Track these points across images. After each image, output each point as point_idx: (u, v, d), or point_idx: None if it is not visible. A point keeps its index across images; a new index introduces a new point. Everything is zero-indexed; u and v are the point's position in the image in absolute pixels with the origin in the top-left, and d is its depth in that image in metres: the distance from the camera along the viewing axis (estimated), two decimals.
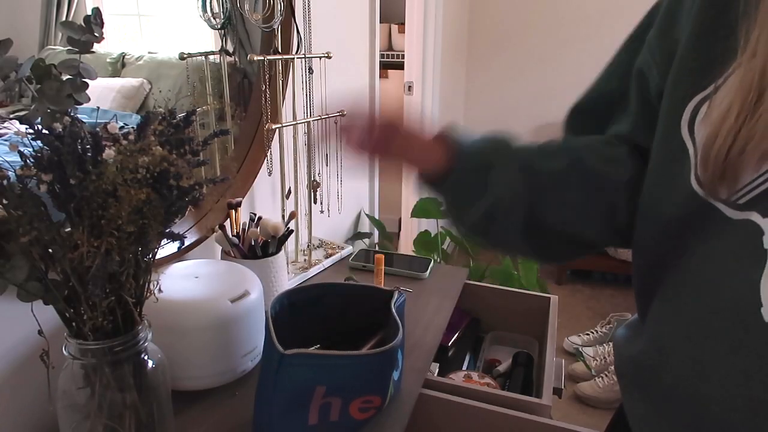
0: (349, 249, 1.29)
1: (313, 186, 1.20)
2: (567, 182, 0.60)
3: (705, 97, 0.47)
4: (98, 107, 0.61)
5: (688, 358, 0.48)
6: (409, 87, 2.54)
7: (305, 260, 1.21)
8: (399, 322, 0.74)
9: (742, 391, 0.44)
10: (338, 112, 1.20)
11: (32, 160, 0.49)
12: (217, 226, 0.94)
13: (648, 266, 0.56)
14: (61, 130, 0.49)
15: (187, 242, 0.93)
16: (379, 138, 0.61)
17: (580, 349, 2.36)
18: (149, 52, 0.94)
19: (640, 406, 0.54)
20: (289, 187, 1.14)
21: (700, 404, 0.46)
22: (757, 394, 0.43)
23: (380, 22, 1.71)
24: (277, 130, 1.07)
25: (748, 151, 0.42)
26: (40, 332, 0.55)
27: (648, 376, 0.53)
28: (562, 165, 0.60)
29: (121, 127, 0.52)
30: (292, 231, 1.00)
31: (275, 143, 1.10)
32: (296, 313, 0.78)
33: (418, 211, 1.87)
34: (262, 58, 1.00)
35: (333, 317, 0.82)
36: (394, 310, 0.77)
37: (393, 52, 2.83)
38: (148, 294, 0.57)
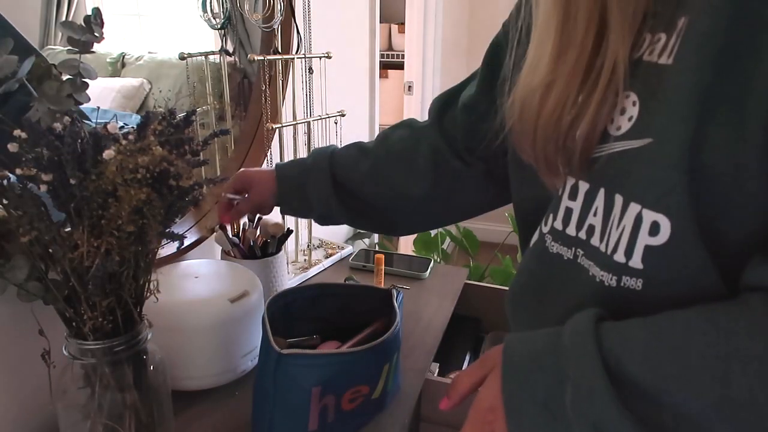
0: (349, 249, 1.29)
1: None
2: (370, 188, 0.77)
3: None
4: (98, 107, 0.62)
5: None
6: (409, 87, 2.54)
7: (305, 260, 1.21)
8: (399, 317, 0.74)
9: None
10: (338, 112, 1.20)
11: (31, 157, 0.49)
12: (217, 226, 0.94)
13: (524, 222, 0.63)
14: (61, 130, 0.49)
15: (187, 242, 0.93)
16: (225, 208, 0.83)
17: None
18: (149, 52, 0.94)
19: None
20: None
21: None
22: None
23: (380, 22, 1.71)
24: (277, 130, 1.07)
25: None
26: (40, 332, 0.55)
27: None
28: (363, 175, 0.77)
29: (121, 127, 0.52)
30: (291, 231, 1.00)
31: (275, 143, 1.10)
32: (293, 314, 0.78)
33: None
34: (262, 58, 1.00)
35: (330, 317, 0.82)
36: (396, 307, 0.77)
37: (393, 52, 2.83)
38: (148, 294, 0.57)
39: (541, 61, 0.46)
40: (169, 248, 0.88)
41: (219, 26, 1.01)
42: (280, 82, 1.06)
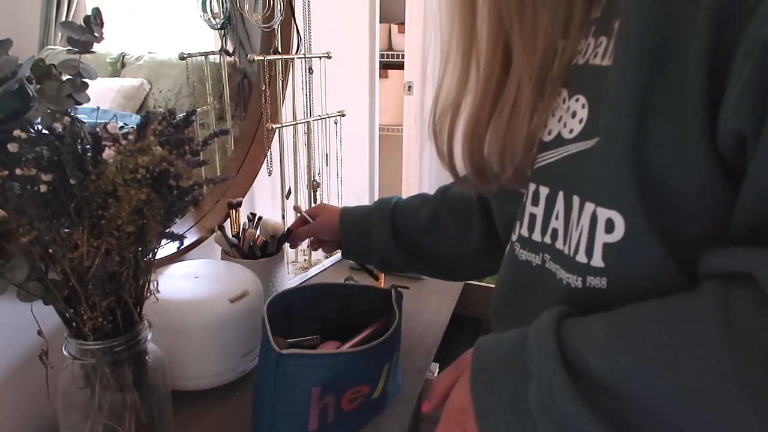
0: None
1: (313, 186, 1.20)
2: (429, 235, 0.81)
3: None
4: (98, 107, 0.61)
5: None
6: (409, 87, 2.54)
7: (305, 260, 1.21)
8: (399, 317, 0.74)
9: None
10: (338, 112, 1.20)
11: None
12: (217, 227, 0.94)
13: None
14: (61, 130, 0.49)
15: (187, 242, 0.93)
16: (298, 224, 0.95)
17: None
18: (149, 52, 0.94)
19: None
20: (289, 187, 1.14)
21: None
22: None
23: (380, 22, 1.71)
24: (277, 130, 1.07)
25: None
26: (39, 332, 0.55)
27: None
28: (423, 222, 0.81)
29: (121, 127, 0.52)
30: (291, 231, 1.00)
31: (275, 143, 1.10)
32: (293, 314, 0.78)
33: None
34: (262, 58, 1.00)
35: (330, 317, 0.82)
36: (396, 307, 0.77)
37: (393, 52, 2.82)
38: (148, 294, 0.57)
39: (450, 83, 0.50)
40: (169, 248, 0.88)
41: (219, 26, 1.01)
42: (280, 82, 1.06)
